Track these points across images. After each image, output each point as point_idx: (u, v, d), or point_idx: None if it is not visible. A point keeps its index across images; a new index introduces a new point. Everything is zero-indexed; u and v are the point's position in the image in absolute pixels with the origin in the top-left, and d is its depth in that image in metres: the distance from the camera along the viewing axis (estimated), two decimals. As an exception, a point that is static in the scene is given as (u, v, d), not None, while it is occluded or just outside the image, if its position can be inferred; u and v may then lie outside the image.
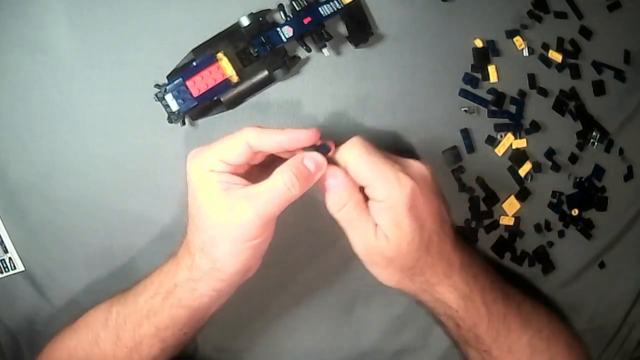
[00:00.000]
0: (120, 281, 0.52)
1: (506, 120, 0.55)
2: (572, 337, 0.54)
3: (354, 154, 0.40)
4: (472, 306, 0.45)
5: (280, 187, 0.39)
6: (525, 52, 0.55)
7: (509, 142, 0.55)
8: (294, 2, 0.48)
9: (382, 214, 0.40)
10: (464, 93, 0.54)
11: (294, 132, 0.40)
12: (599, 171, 0.58)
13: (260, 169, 0.43)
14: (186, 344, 0.46)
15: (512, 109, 0.55)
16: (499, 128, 0.55)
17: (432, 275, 0.43)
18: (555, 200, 0.57)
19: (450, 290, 0.44)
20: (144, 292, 0.44)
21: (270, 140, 0.39)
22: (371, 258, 0.42)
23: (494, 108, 0.54)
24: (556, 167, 0.57)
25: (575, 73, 0.57)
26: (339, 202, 0.41)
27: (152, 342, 0.43)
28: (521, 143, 0.55)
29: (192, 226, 0.41)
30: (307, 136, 0.40)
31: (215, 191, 0.39)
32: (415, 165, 0.42)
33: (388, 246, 0.40)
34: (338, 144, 0.42)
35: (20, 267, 0.52)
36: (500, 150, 0.55)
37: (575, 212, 0.58)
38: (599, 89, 0.58)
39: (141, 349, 0.43)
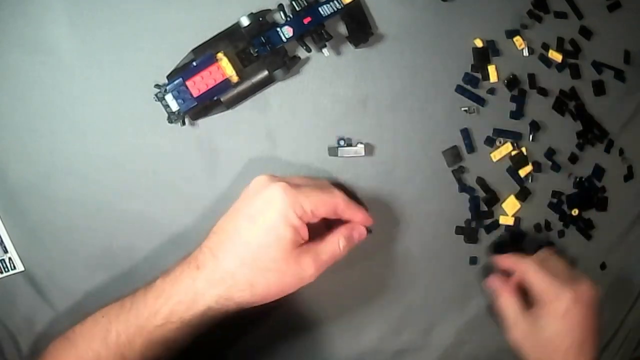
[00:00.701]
0: (120, 281, 0.52)
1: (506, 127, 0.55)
2: None
3: (532, 267, 0.51)
4: None
5: (336, 250, 0.44)
6: (525, 52, 0.55)
7: (506, 150, 0.55)
8: (294, 2, 0.48)
9: (552, 320, 0.49)
10: (460, 90, 0.54)
11: (366, 215, 0.45)
12: (598, 171, 0.58)
13: None
14: None
15: (512, 106, 0.55)
16: (498, 133, 0.55)
17: None
18: (555, 200, 0.57)
19: None
20: (151, 316, 0.42)
21: (352, 214, 0.44)
22: (523, 346, 0.51)
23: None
24: (556, 167, 0.57)
25: (575, 73, 0.57)
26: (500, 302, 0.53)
27: (163, 355, 0.43)
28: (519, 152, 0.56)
29: (241, 253, 0.41)
30: (369, 222, 0.46)
31: (291, 240, 0.41)
32: (586, 285, 0.50)
33: (530, 338, 0.51)
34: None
35: (20, 267, 0.51)
36: (495, 156, 0.55)
37: (575, 212, 0.58)
38: (599, 89, 0.58)
39: None
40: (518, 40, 0.55)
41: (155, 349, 0.42)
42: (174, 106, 0.48)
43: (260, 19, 0.48)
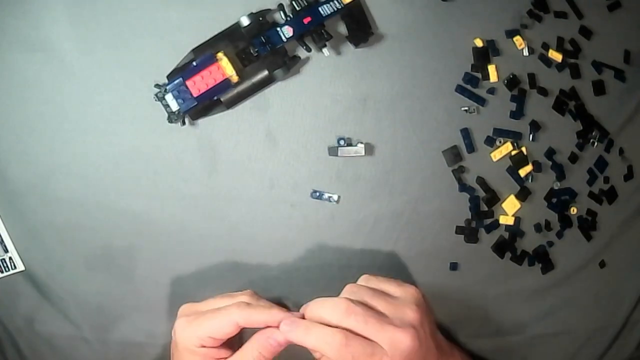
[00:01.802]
0: (120, 281, 0.52)
1: (506, 127, 0.55)
2: None
3: (334, 351, 0.39)
4: None
5: None
6: (525, 52, 0.55)
7: (506, 150, 0.55)
8: (294, 2, 0.48)
9: None
10: (460, 89, 0.54)
11: (279, 315, 0.42)
12: (601, 163, 0.58)
13: None
14: None
15: (512, 106, 0.55)
16: (498, 133, 0.55)
17: None
18: (555, 200, 0.57)
19: None
20: None
21: (257, 322, 0.42)
22: None
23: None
24: (556, 167, 0.57)
25: (575, 73, 0.57)
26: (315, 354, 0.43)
27: None
28: (519, 152, 0.56)
29: None
30: (291, 322, 0.41)
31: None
32: (402, 339, 0.40)
33: None
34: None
35: (20, 267, 0.52)
36: (495, 156, 0.55)
37: (574, 210, 0.58)
38: (599, 89, 0.58)
39: None
40: (518, 40, 0.55)
41: None
42: (174, 106, 0.48)
43: (260, 18, 0.48)
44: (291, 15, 0.49)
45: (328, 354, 0.39)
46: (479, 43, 0.54)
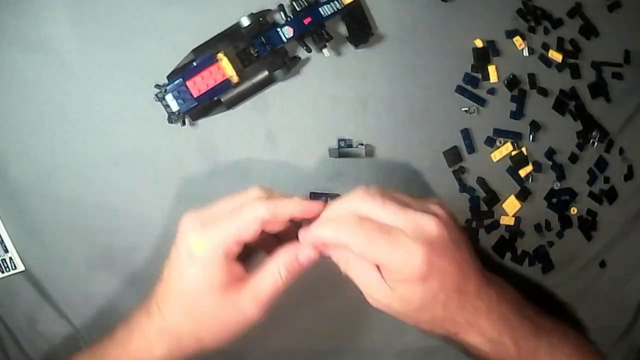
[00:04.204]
0: (120, 281, 0.52)
1: (506, 127, 0.55)
2: (598, 356, 0.53)
3: (353, 240, 0.38)
4: (502, 347, 0.44)
5: (278, 283, 0.40)
6: (525, 52, 0.55)
7: (506, 151, 0.55)
8: (294, 3, 0.48)
9: (397, 283, 0.39)
10: (460, 90, 0.54)
11: (303, 204, 0.40)
12: (601, 163, 0.58)
13: None
14: None
15: (512, 106, 0.55)
16: (498, 133, 0.55)
17: (454, 326, 0.42)
18: (555, 200, 0.57)
19: (477, 336, 0.43)
20: None
21: (283, 215, 0.39)
22: (385, 311, 0.42)
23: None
24: (556, 167, 0.57)
25: (575, 73, 0.57)
26: (339, 263, 0.42)
27: None
28: (519, 152, 0.56)
29: (180, 307, 0.40)
30: (316, 209, 0.40)
31: (222, 283, 0.39)
32: (425, 221, 0.39)
33: (399, 307, 0.40)
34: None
35: (20, 267, 0.51)
36: (496, 156, 0.55)
37: (574, 211, 0.58)
38: (598, 89, 0.58)
39: None
40: (518, 40, 0.55)
41: None
42: (174, 106, 0.48)
43: (261, 19, 0.48)
44: (291, 16, 0.49)
45: (344, 238, 0.38)
46: (479, 43, 0.54)
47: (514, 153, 0.55)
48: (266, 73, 0.49)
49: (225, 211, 0.40)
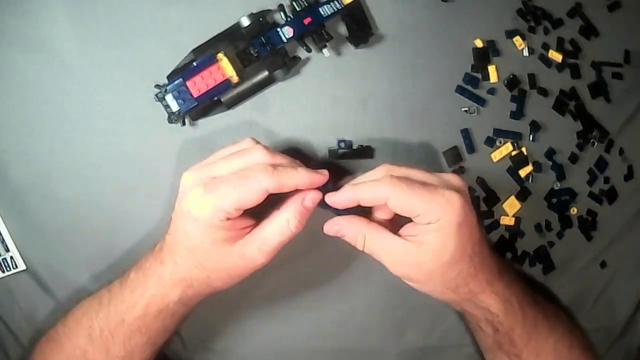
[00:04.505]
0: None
1: (506, 127, 0.55)
2: (588, 344, 0.54)
3: (393, 191, 0.39)
4: (511, 309, 0.46)
5: (285, 229, 0.40)
6: (525, 52, 0.55)
7: (506, 151, 0.55)
8: (294, 3, 0.48)
9: (430, 234, 0.40)
10: (460, 90, 0.54)
11: (309, 174, 0.40)
12: (601, 163, 0.58)
13: None
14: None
15: (512, 106, 0.55)
16: (498, 134, 0.55)
17: (476, 285, 0.43)
18: (555, 200, 0.57)
19: (493, 297, 0.45)
20: (130, 308, 0.43)
21: (288, 186, 0.39)
22: (410, 275, 0.43)
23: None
24: (556, 167, 0.57)
25: (575, 73, 0.57)
26: (356, 240, 0.42)
27: (144, 349, 0.44)
28: (519, 152, 0.56)
29: (190, 259, 0.41)
30: (321, 180, 0.41)
31: (227, 239, 0.40)
32: (452, 178, 0.42)
33: (429, 261, 0.41)
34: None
35: (21, 266, 0.52)
36: (496, 156, 0.55)
37: (574, 211, 0.58)
38: (598, 89, 0.58)
39: (133, 356, 0.44)
40: (518, 40, 0.55)
41: (137, 338, 0.44)
42: (174, 106, 0.48)
43: (261, 19, 0.48)
44: (291, 16, 0.49)
45: (382, 193, 0.39)
46: (479, 43, 0.54)
47: (514, 153, 0.55)
48: (266, 73, 0.49)
49: (228, 173, 0.39)
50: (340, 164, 0.52)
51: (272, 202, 0.41)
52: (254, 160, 0.40)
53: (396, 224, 0.43)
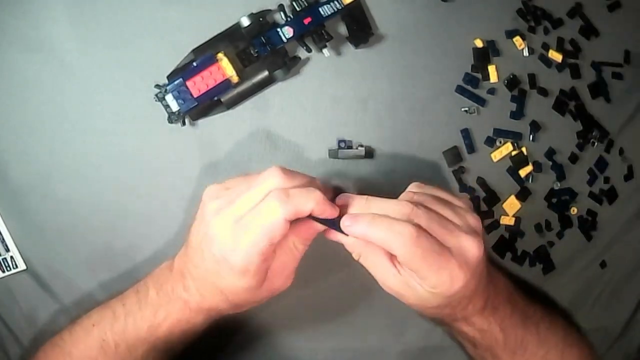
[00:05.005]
0: (121, 280, 0.52)
1: (506, 127, 0.55)
2: (586, 347, 0.55)
3: (405, 249, 0.37)
4: (489, 335, 0.46)
5: (295, 254, 0.41)
6: (525, 52, 0.55)
7: (507, 151, 0.55)
8: (294, 3, 0.48)
9: (421, 289, 0.39)
10: (460, 90, 0.54)
11: (324, 206, 0.38)
12: (601, 163, 0.58)
13: None
14: None
15: (512, 106, 0.55)
16: (498, 133, 0.55)
17: (452, 320, 0.46)
18: (555, 200, 0.57)
19: (467, 325, 0.46)
20: (153, 328, 0.43)
21: (302, 214, 0.38)
22: (395, 296, 0.42)
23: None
24: (556, 167, 0.57)
25: (575, 73, 0.57)
26: (353, 251, 0.42)
27: (161, 357, 0.45)
28: (519, 152, 0.56)
29: (220, 297, 0.41)
30: (335, 212, 0.39)
31: (259, 283, 0.39)
32: (469, 242, 0.39)
33: (413, 301, 0.41)
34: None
35: (21, 266, 0.52)
36: (496, 156, 0.55)
37: (574, 211, 0.58)
38: (598, 89, 0.58)
39: None
40: (518, 40, 0.55)
41: (156, 353, 0.44)
42: (175, 106, 0.48)
43: (261, 19, 0.48)
44: (291, 16, 0.49)
45: (396, 247, 0.37)
46: (479, 43, 0.54)
47: (514, 153, 0.55)
48: (266, 73, 0.49)
49: (248, 206, 0.38)
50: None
51: None
52: (268, 185, 0.39)
53: None
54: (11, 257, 0.51)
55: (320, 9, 0.49)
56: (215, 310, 0.42)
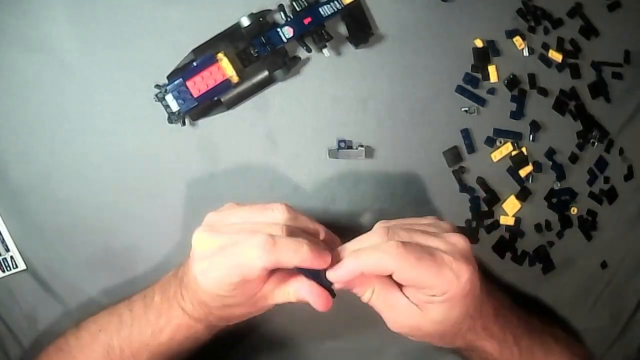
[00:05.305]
0: (121, 280, 0.52)
1: (506, 127, 0.55)
2: (587, 356, 0.55)
3: (399, 264, 0.36)
4: (506, 346, 0.46)
5: (289, 299, 0.41)
6: (525, 52, 0.55)
7: (507, 151, 0.55)
8: (294, 3, 0.48)
9: (434, 304, 0.38)
10: (460, 90, 0.54)
11: (309, 258, 0.37)
12: (601, 163, 0.58)
13: None
14: None
15: (513, 106, 0.55)
16: (498, 133, 0.55)
17: (473, 335, 0.44)
18: (555, 200, 0.57)
19: (488, 340, 0.45)
20: (156, 334, 0.43)
21: (285, 265, 0.37)
22: (407, 333, 0.41)
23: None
24: (556, 167, 0.57)
25: (575, 73, 0.57)
26: (364, 293, 0.40)
27: None
28: (519, 152, 0.56)
29: (210, 310, 0.41)
30: (322, 265, 0.38)
31: (239, 303, 0.40)
32: (458, 241, 0.39)
33: (430, 327, 0.40)
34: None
35: (22, 266, 0.52)
36: (496, 156, 0.55)
37: (574, 211, 0.58)
38: (598, 89, 0.58)
39: None
40: (518, 40, 0.55)
41: (159, 359, 0.44)
42: (175, 106, 0.48)
43: (261, 19, 0.48)
44: (291, 16, 0.49)
45: (388, 262, 0.36)
46: (479, 43, 0.54)
47: (514, 153, 0.55)
48: (266, 73, 0.49)
49: (235, 238, 0.37)
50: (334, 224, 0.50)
51: None
52: (268, 220, 0.39)
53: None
54: (11, 257, 0.51)
55: (320, 9, 0.49)
56: (211, 319, 0.42)
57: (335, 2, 0.49)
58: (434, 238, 0.39)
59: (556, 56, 0.56)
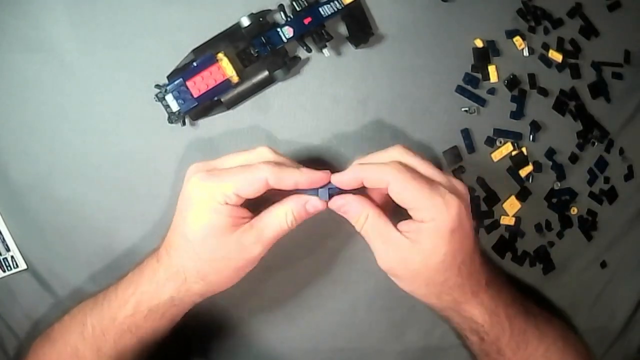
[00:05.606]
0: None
1: (506, 127, 0.55)
2: (582, 347, 0.54)
3: (396, 177, 0.39)
4: (497, 320, 0.46)
5: (283, 225, 0.41)
6: (526, 52, 0.55)
7: (507, 150, 0.55)
8: (294, 3, 0.48)
9: (423, 233, 0.40)
10: (460, 90, 0.54)
11: (310, 174, 0.40)
12: (602, 163, 0.58)
13: None
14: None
15: (513, 106, 0.55)
16: (498, 133, 0.55)
17: (460, 294, 0.43)
18: (555, 200, 0.57)
19: (477, 307, 0.45)
20: (121, 306, 0.43)
21: (287, 181, 0.39)
22: (395, 271, 0.42)
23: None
24: (556, 167, 0.57)
25: (575, 73, 0.57)
26: (358, 218, 0.41)
27: (135, 348, 0.44)
28: (519, 152, 0.56)
29: (186, 249, 0.40)
30: (322, 179, 0.41)
31: (225, 226, 0.39)
32: (458, 184, 0.42)
33: (418, 261, 0.40)
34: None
35: (22, 266, 0.52)
36: (496, 156, 0.55)
37: (574, 211, 0.58)
38: (598, 89, 0.58)
39: (125, 356, 0.44)
40: (518, 40, 0.55)
41: (127, 338, 0.43)
42: (175, 106, 0.48)
43: (261, 19, 0.48)
44: (291, 16, 0.49)
45: (385, 174, 0.39)
46: (479, 43, 0.54)
47: (514, 153, 0.55)
48: (266, 73, 0.49)
49: (232, 165, 0.41)
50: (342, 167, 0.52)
51: (273, 202, 0.41)
52: (259, 157, 0.41)
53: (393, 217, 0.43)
54: (12, 256, 0.51)
55: (320, 9, 0.49)
56: (182, 276, 0.41)
57: (335, 2, 0.49)
58: (437, 172, 0.41)
59: (556, 56, 0.56)
